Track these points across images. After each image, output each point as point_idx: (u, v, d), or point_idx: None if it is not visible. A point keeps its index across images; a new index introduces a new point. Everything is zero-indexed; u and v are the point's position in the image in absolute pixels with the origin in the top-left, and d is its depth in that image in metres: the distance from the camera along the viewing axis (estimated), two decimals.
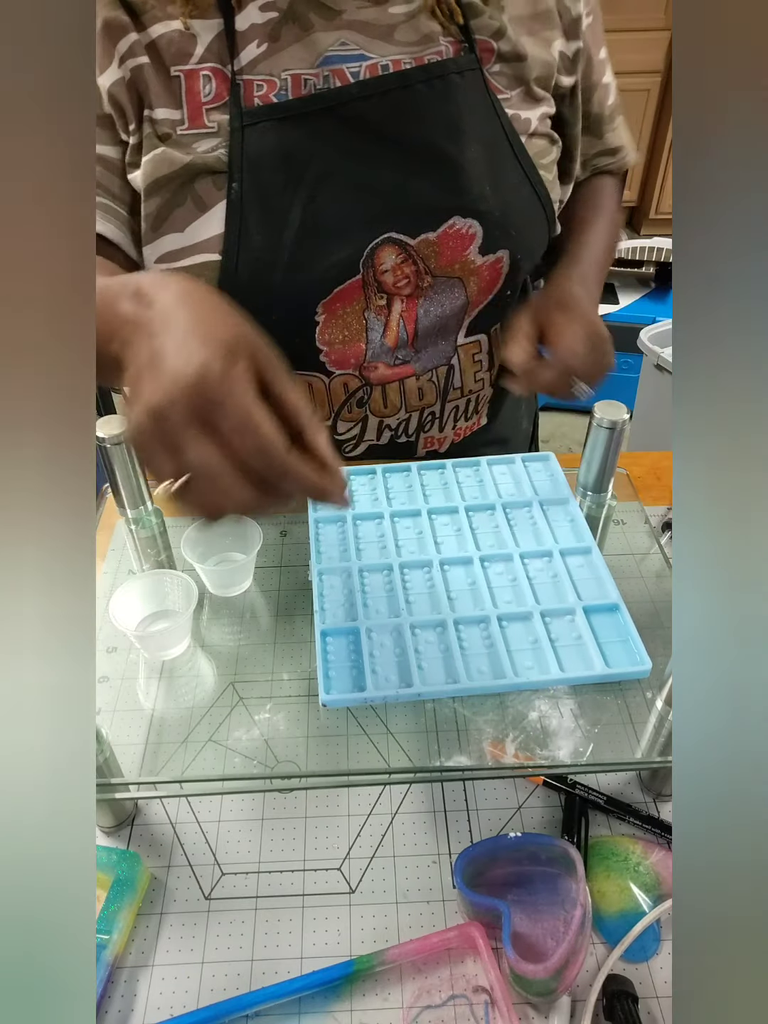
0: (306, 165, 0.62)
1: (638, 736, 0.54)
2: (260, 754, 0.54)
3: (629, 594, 0.58)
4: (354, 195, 0.63)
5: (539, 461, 0.71)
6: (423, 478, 0.69)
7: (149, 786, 0.53)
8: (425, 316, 0.70)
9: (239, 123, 0.61)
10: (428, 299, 0.69)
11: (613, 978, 0.49)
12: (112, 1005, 0.49)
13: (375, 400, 0.74)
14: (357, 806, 0.58)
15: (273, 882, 0.54)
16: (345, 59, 0.62)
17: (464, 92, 0.64)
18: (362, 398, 0.73)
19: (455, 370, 0.75)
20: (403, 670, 0.52)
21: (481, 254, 0.68)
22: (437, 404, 0.76)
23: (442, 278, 0.69)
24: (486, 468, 0.70)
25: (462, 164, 0.64)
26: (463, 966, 0.50)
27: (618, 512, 0.72)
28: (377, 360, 0.71)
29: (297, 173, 0.62)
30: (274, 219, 0.62)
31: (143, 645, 0.60)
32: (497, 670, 0.52)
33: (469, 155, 0.65)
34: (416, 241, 0.66)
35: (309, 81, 0.62)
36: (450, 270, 0.68)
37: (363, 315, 0.68)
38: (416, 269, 0.67)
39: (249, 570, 0.66)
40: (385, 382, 0.73)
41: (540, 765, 0.53)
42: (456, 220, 0.66)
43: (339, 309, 0.67)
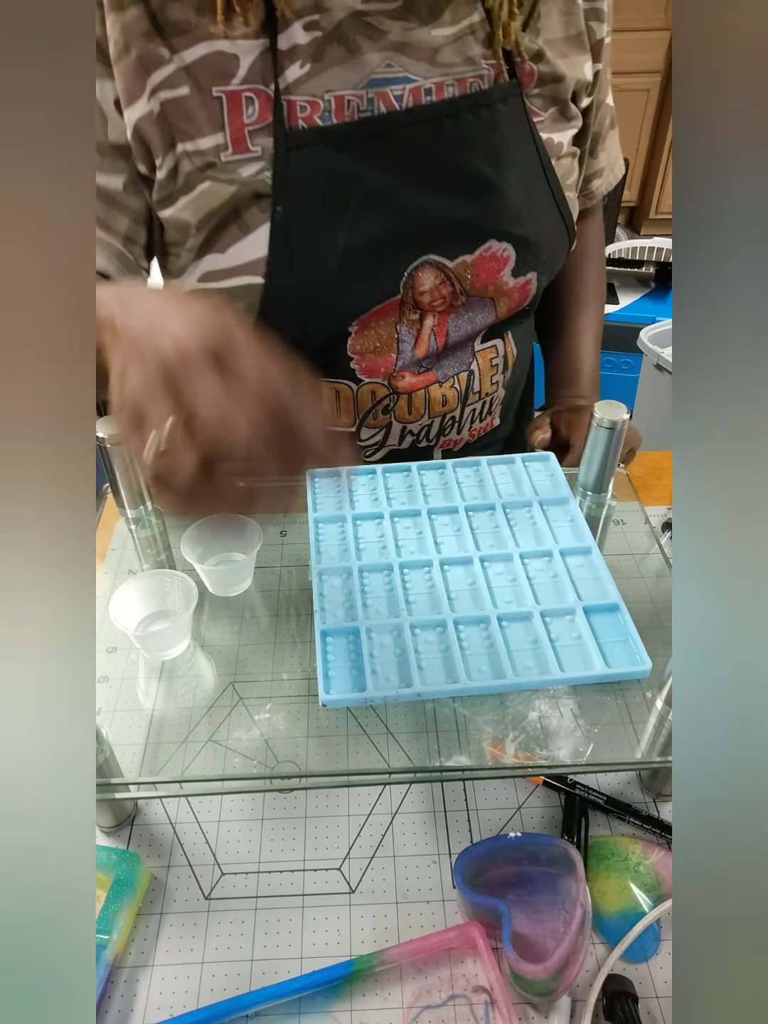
0: (351, 188, 0.62)
1: (638, 736, 0.54)
2: (260, 754, 0.54)
3: (629, 594, 0.58)
4: (397, 219, 0.64)
5: (539, 461, 0.71)
6: (423, 478, 0.69)
7: (149, 786, 0.53)
8: (456, 331, 0.72)
9: (284, 145, 0.60)
10: (459, 316, 0.71)
11: (613, 978, 0.49)
12: (112, 1005, 0.49)
13: (400, 408, 0.75)
14: (357, 806, 0.58)
15: (273, 882, 0.54)
16: (389, 82, 0.62)
17: (507, 119, 0.65)
18: (388, 406, 0.74)
19: (475, 375, 0.76)
20: (403, 670, 0.52)
21: (513, 276, 0.70)
22: (458, 409, 0.77)
23: (476, 297, 0.70)
24: (486, 468, 0.70)
25: (502, 189, 0.66)
26: (463, 966, 0.50)
27: (618, 512, 0.72)
28: (405, 370, 0.72)
29: (342, 197, 0.62)
30: (319, 243, 0.63)
31: (143, 645, 0.60)
32: (497, 670, 0.52)
33: (508, 181, 0.66)
34: (454, 264, 0.67)
35: (352, 102, 0.61)
36: (483, 291, 0.70)
37: (395, 328, 0.69)
38: (452, 290, 0.69)
39: (249, 570, 0.66)
40: (411, 390, 0.74)
41: (540, 765, 0.53)
42: (492, 243, 0.67)
43: (373, 322, 0.69)
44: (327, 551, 0.62)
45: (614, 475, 0.70)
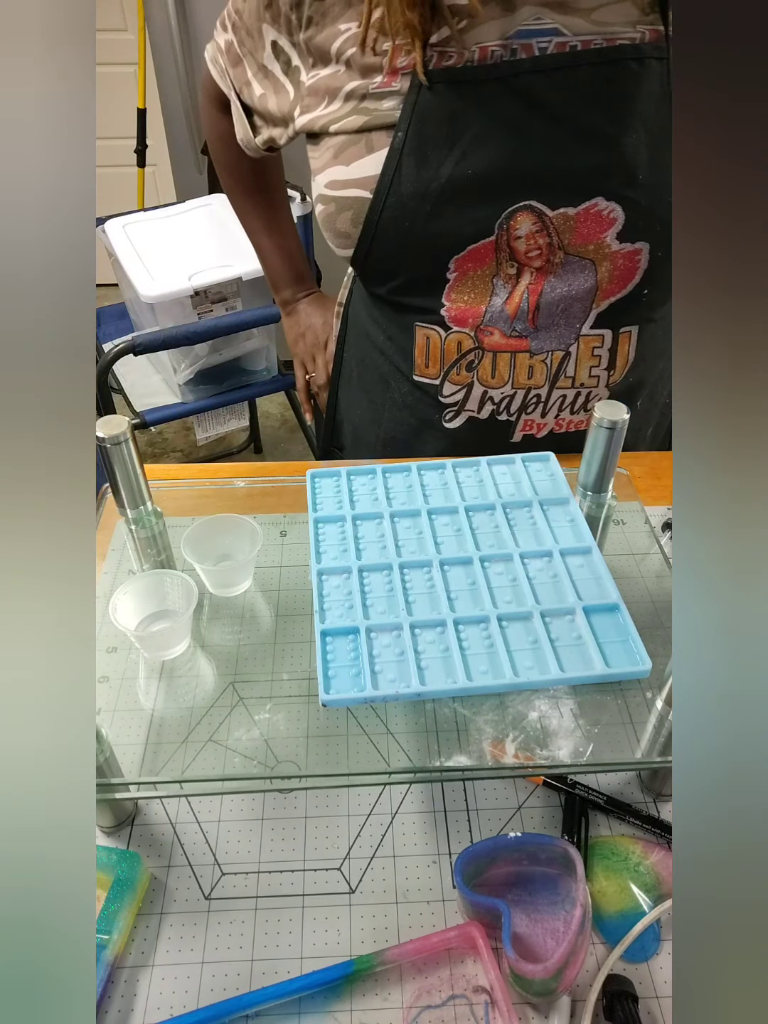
0: (466, 127, 0.64)
1: (638, 736, 0.54)
2: (260, 754, 0.54)
3: (629, 594, 0.58)
4: (504, 160, 0.65)
5: (539, 461, 0.71)
6: (423, 478, 0.69)
7: (149, 786, 0.53)
8: (551, 291, 0.70)
9: (417, 83, 0.64)
10: (557, 276, 0.70)
11: (613, 978, 0.49)
12: (112, 1005, 0.49)
13: (484, 367, 0.75)
14: (357, 806, 0.58)
15: (273, 882, 0.54)
16: (536, 33, 0.63)
17: (638, 78, 0.64)
18: (472, 361, 0.75)
19: (571, 358, 0.75)
20: (403, 670, 0.52)
21: (619, 240, 0.69)
22: (545, 387, 0.76)
23: (574, 257, 0.69)
24: (486, 468, 0.70)
25: (617, 147, 0.65)
26: (463, 966, 0.50)
27: (618, 512, 0.72)
28: (494, 325, 0.72)
29: (456, 133, 0.65)
30: (426, 171, 0.66)
31: (143, 645, 0.60)
32: (497, 670, 0.52)
33: (628, 140, 0.65)
34: (554, 213, 0.67)
35: (496, 52, 0.63)
36: (584, 250, 0.69)
37: (491, 280, 0.70)
38: (550, 242, 0.68)
39: (249, 570, 0.66)
40: (497, 350, 0.74)
41: (540, 765, 0.53)
42: (599, 201, 0.67)
43: (471, 270, 0.69)
44: (327, 551, 0.62)
45: (614, 475, 0.70)
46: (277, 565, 0.69)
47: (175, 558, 0.69)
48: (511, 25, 0.63)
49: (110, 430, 0.62)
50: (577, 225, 0.67)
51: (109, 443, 0.63)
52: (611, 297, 0.72)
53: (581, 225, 0.67)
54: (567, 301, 0.71)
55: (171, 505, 0.72)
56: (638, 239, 0.69)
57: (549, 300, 0.71)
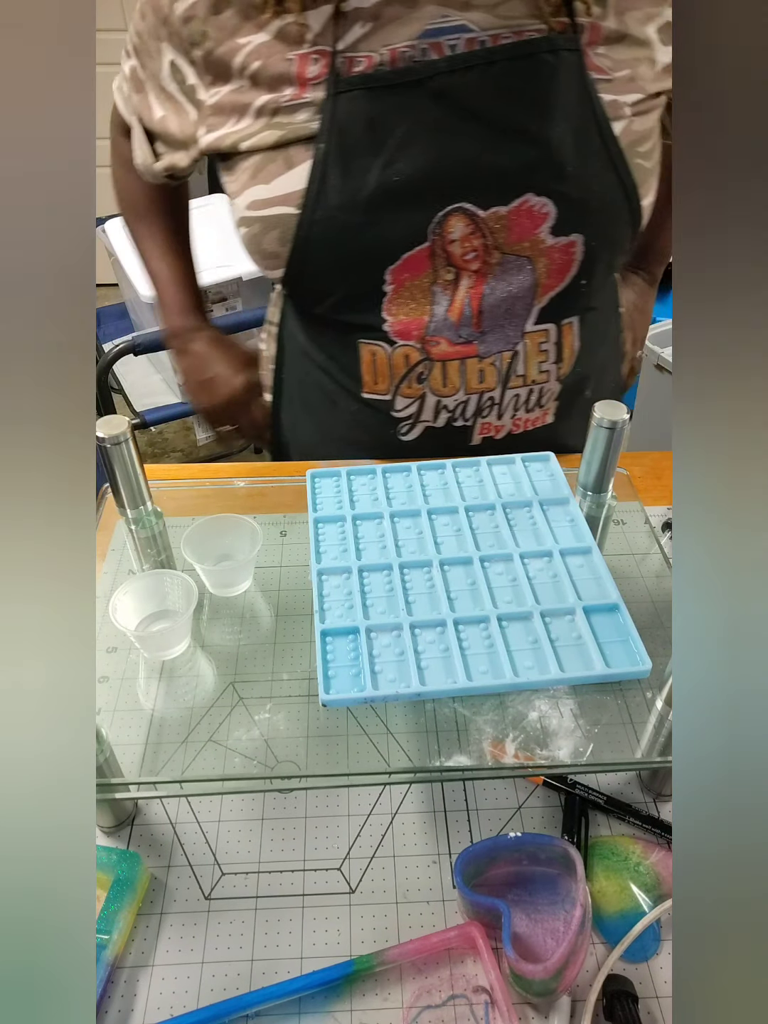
0: (389, 132, 0.64)
1: (638, 736, 0.54)
2: (260, 754, 0.54)
3: (629, 594, 0.58)
4: (431, 163, 0.64)
5: (539, 461, 0.71)
6: (423, 478, 0.69)
7: (149, 786, 0.54)
8: (491, 293, 0.70)
9: (333, 91, 0.63)
10: (496, 277, 0.70)
11: (613, 978, 0.49)
12: (112, 1005, 0.49)
13: (435, 378, 0.74)
14: (357, 806, 0.58)
15: (273, 882, 0.54)
16: (444, 31, 0.63)
17: (554, 71, 0.64)
18: (422, 374, 0.74)
19: (519, 356, 0.75)
20: (403, 670, 0.52)
21: (553, 235, 0.68)
22: (497, 389, 0.76)
23: (511, 256, 0.69)
24: (486, 468, 0.70)
25: (542, 142, 0.64)
26: (463, 966, 0.50)
27: (618, 512, 0.72)
28: (439, 335, 0.71)
29: (380, 139, 0.64)
30: (352, 181, 0.65)
31: (143, 645, 0.60)
32: (497, 670, 0.52)
33: (552, 134, 0.64)
34: (486, 214, 0.66)
35: (407, 54, 0.63)
36: (519, 248, 0.68)
37: (430, 289, 0.69)
38: (485, 243, 0.68)
39: (249, 570, 0.66)
40: (446, 358, 0.73)
41: (540, 765, 0.53)
42: (530, 197, 0.66)
43: (407, 280, 0.68)
44: (327, 551, 0.62)
45: (614, 475, 0.70)
46: (277, 565, 0.69)
47: (175, 558, 0.69)
48: (418, 25, 0.62)
49: (110, 430, 0.62)
50: (510, 224, 0.67)
51: (109, 443, 0.63)
52: (550, 292, 0.71)
53: (514, 223, 0.67)
54: (509, 301, 0.71)
55: (171, 505, 0.72)
56: (571, 232, 0.68)
57: (491, 302, 0.70)
